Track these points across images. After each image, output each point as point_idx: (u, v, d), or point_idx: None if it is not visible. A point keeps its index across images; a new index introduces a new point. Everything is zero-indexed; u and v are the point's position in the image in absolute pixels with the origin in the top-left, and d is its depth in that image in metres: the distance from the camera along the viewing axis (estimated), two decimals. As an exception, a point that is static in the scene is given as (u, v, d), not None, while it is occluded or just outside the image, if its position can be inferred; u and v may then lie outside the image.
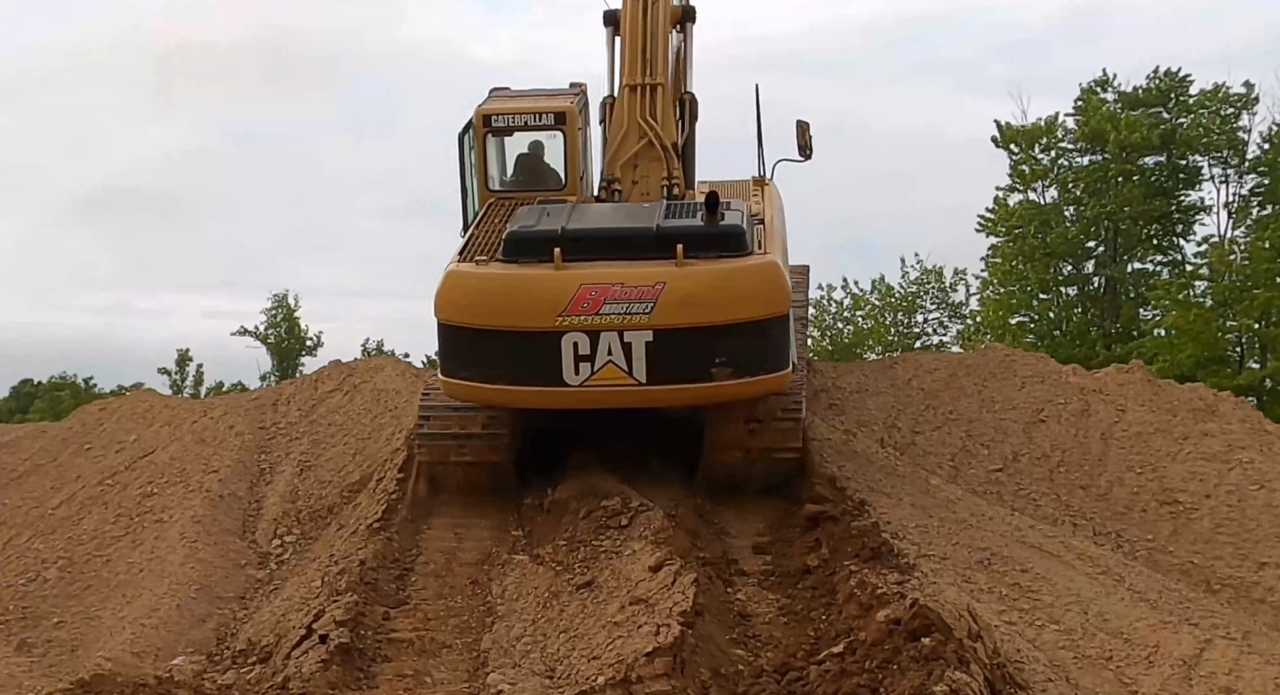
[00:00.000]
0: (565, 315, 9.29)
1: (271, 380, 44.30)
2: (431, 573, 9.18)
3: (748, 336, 9.43)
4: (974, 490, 10.92)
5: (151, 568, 9.89)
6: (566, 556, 8.88)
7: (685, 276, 9.36)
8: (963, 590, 7.70)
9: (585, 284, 9.30)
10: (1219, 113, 31.32)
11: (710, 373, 9.39)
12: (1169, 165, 31.66)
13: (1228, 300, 27.93)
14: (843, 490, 10.10)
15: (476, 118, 12.01)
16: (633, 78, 11.80)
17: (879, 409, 13.69)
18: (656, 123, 11.79)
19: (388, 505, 10.17)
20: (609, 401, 9.61)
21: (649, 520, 9.06)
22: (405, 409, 14.24)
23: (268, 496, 12.02)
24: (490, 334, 9.57)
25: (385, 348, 47.01)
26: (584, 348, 9.30)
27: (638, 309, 9.26)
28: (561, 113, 11.85)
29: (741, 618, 7.85)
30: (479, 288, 9.75)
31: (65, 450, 16.95)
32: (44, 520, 13.64)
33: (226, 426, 14.96)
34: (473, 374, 9.75)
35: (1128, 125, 30.52)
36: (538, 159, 12.36)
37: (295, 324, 45.16)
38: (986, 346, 15.66)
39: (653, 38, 11.85)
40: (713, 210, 9.75)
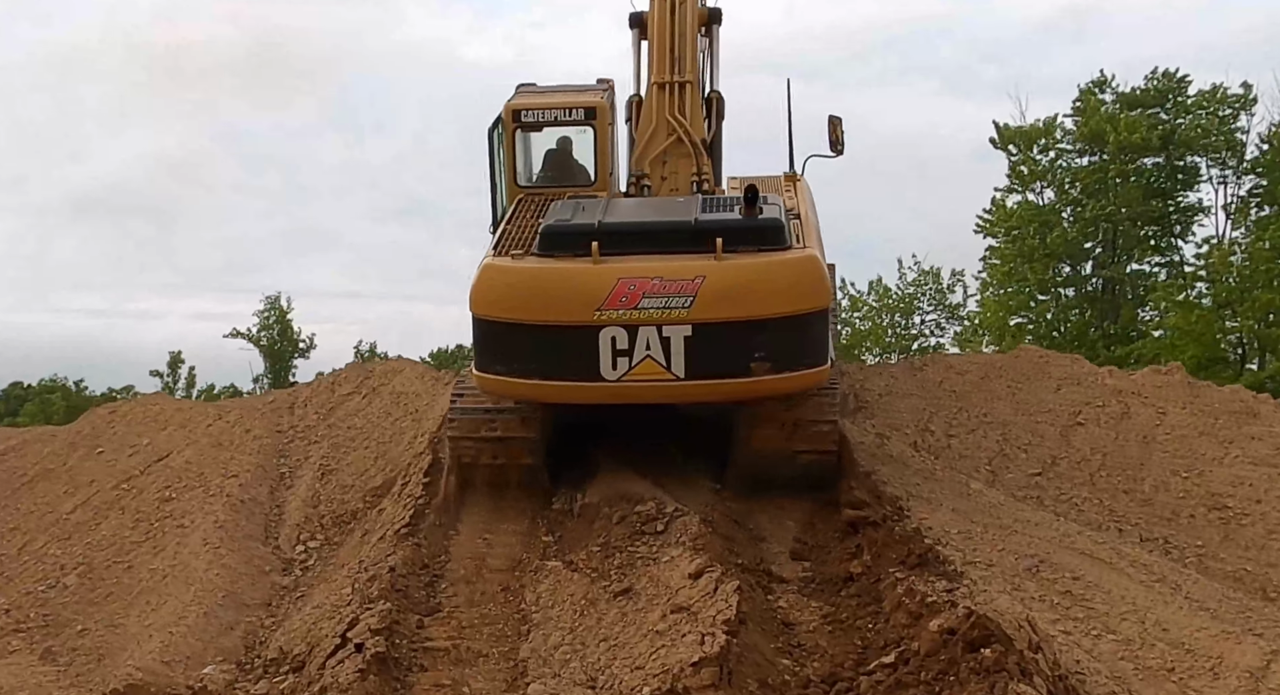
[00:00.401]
0: (603, 309, 9.25)
1: (264, 382, 44.51)
2: (461, 579, 9.07)
3: (787, 331, 9.40)
4: (1013, 495, 10.76)
5: (175, 574, 9.78)
6: (601, 563, 8.77)
7: (725, 270, 9.32)
8: (1013, 599, 7.55)
9: (623, 278, 9.27)
10: (1216, 114, 31.57)
11: (749, 368, 9.35)
12: (1167, 166, 31.88)
13: (1228, 301, 27.99)
14: (881, 495, 9.98)
15: (506, 113, 12.06)
16: (661, 76, 11.82)
17: (909, 412, 13.55)
18: (685, 119, 11.81)
19: (415, 510, 10.06)
20: (646, 397, 9.57)
21: (685, 526, 8.94)
22: (426, 412, 14.17)
23: (289, 501, 11.93)
24: (526, 328, 9.52)
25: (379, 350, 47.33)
26: (622, 342, 9.27)
27: (677, 303, 9.22)
28: (592, 107, 11.93)
29: (785, 626, 7.72)
30: (515, 282, 9.70)
31: (75, 454, 16.93)
32: (59, 525, 13.57)
33: (243, 430, 14.89)
34: (508, 369, 9.70)
35: (1127, 126, 30.73)
36: (566, 154, 12.43)
37: (288, 326, 45.33)
38: (1018, 348, 15.43)
39: (680, 37, 11.89)
40: (751, 204, 9.72)
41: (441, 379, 15.22)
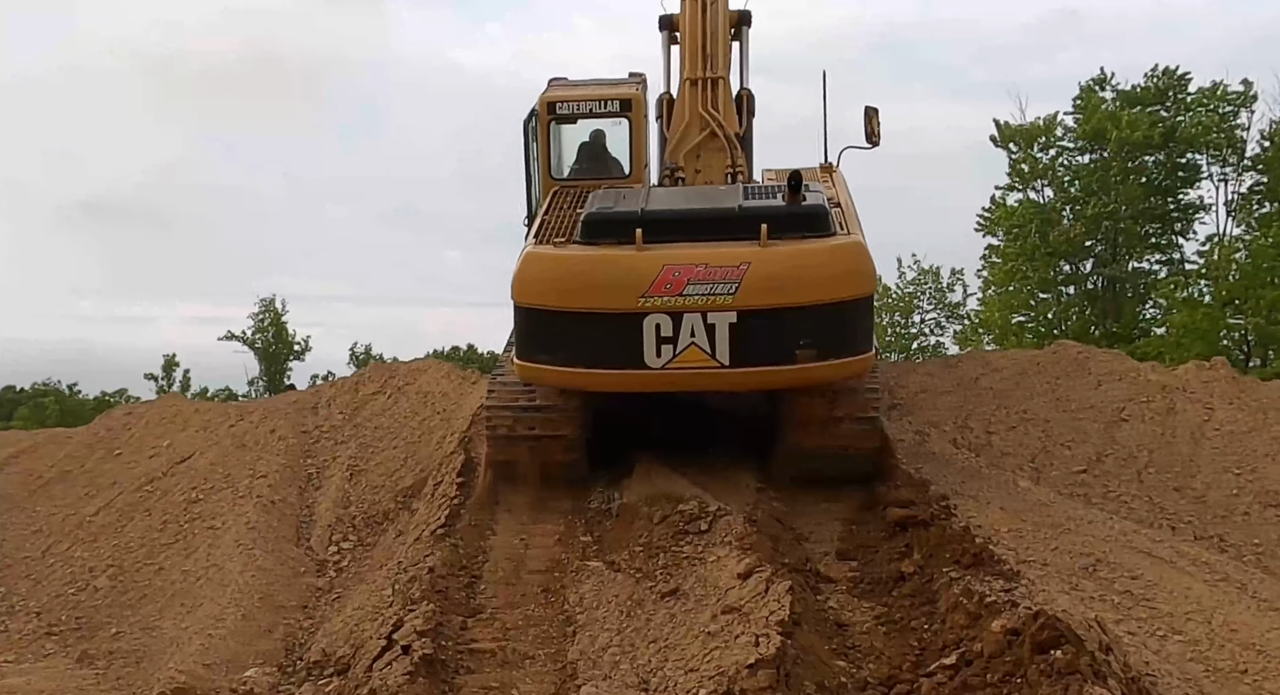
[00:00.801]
0: (648, 296, 9.25)
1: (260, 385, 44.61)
2: (500, 580, 8.99)
3: (833, 318, 9.40)
4: (1059, 492, 10.64)
5: (208, 576, 9.74)
6: (645, 563, 8.67)
7: (770, 257, 9.32)
8: (1073, 599, 7.44)
9: (668, 265, 9.25)
10: (1217, 111, 31.82)
11: (794, 355, 9.35)
12: (1168, 163, 32.09)
13: (1232, 299, 28.12)
14: (926, 493, 9.87)
15: (541, 105, 12.19)
16: (694, 72, 11.89)
17: (947, 409, 13.45)
18: (719, 114, 11.84)
19: (450, 511, 9.99)
20: (691, 385, 9.60)
21: (729, 525, 8.85)
22: (453, 411, 14.11)
23: (319, 502, 11.88)
24: (569, 316, 9.52)
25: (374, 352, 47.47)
26: (666, 330, 9.27)
27: (722, 290, 9.21)
28: (628, 99, 12.04)
29: (837, 627, 7.61)
30: (558, 269, 9.69)
31: (93, 456, 16.94)
32: (83, 527, 13.56)
33: (268, 430, 14.86)
34: (550, 357, 9.70)
35: (1129, 123, 30.96)
36: (600, 147, 12.55)
37: (283, 329, 45.45)
38: (1056, 343, 15.28)
39: (712, 36, 11.99)
40: (795, 190, 9.70)
41: (468, 378, 15.15)
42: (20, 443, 18.72)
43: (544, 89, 12.43)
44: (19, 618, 9.93)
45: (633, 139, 12.11)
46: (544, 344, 9.71)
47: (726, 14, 12.22)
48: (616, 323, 9.34)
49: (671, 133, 12.38)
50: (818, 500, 10.40)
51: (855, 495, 10.35)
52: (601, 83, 12.61)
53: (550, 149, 12.26)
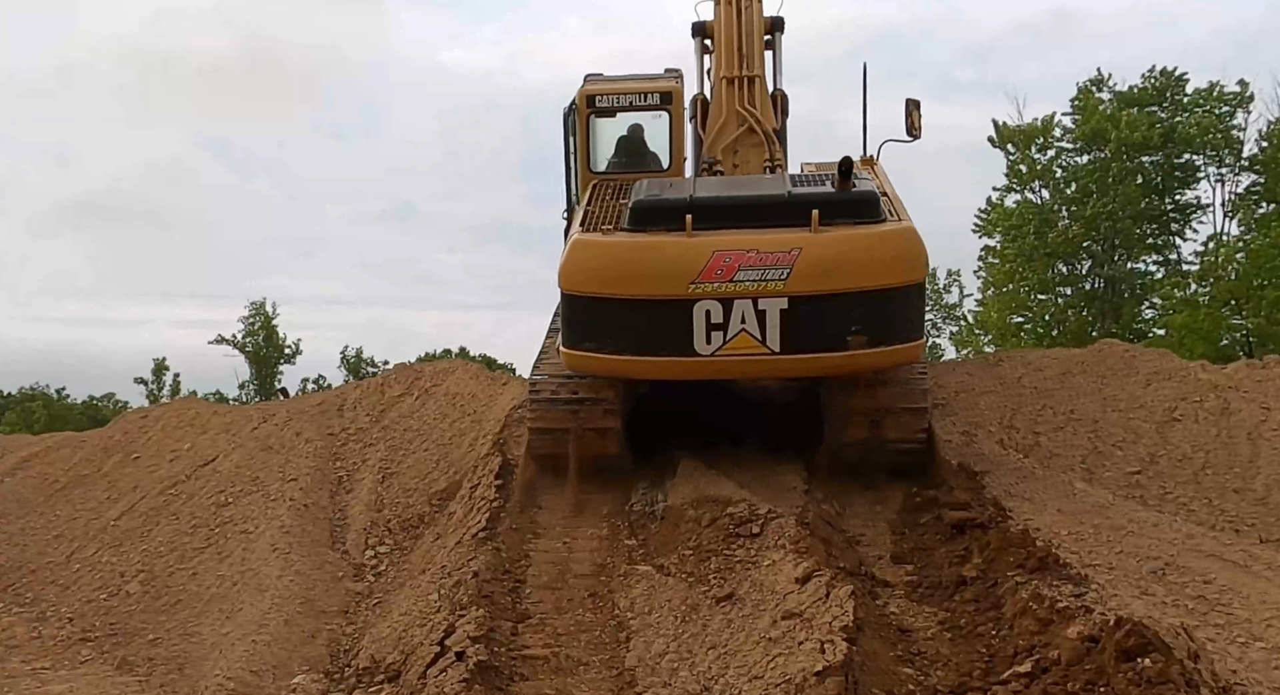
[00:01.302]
0: (698, 282, 9.23)
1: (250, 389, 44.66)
2: (545, 585, 8.89)
3: (885, 304, 9.39)
4: (1115, 495, 10.47)
5: (246, 581, 9.64)
6: (696, 567, 8.55)
7: (822, 242, 9.31)
8: (1145, 604, 7.29)
9: (719, 250, 9.23)
10: (1213, 111, 32.23)
11: (846, 341, 9.36)
12: (1165, 164, 32.48)
13: (1233, 298, 28.28)
14: (981, 495, 9.74)
15: (580, 98, 12.28)
16: (730, 71, 11.96)
17: (991, 409, 13.27)
18: (755, 110, 11.89)
19: (490, 514, 9.87)
20: (741, 372, 9.63)
21: (781, 528, 8.72)
22: (484, 413, 14.01)
23: (351, 505, 11.78)
24: (618, 303, 9.52)
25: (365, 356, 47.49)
26: (716, 316, 9.26)
27: (773, 275, 9.21)
28: (668, 92, 12.16)
29: (901, 633, 7.47)
30: (607, 256, 9.69)
31: (109, 460, 16.90)
32: (107, 532, 13.50)
33: (294, 433, 14.78)
34: (598, 345, 9.70)
35: (1129, 124, 31.30)
36: (639, 140, 12.63)
37: (273, 332, 45.55)
38: (1100, 342, 15.10)
39: (748, 36, 12.09)
40: (846, 177, 9.69)
41: (498, 380, 15.06)
42: (31, 446, 18.71)
43: (581, 85, 12.45)
44: (51, 624, 9.85)
45: (672, 132, 12.17)
46: (592, 332, 9.70)
47: (761, 16, 12.33)
48: (666, 309, 9.34)
49: (709, 129, 12.46)
50: (867, 502, 10.28)
51: (906, 497, 10.22)
52: (639, 77, 12.67)
53: (589, 142, 12.33)
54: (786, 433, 11.48)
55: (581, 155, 12.37)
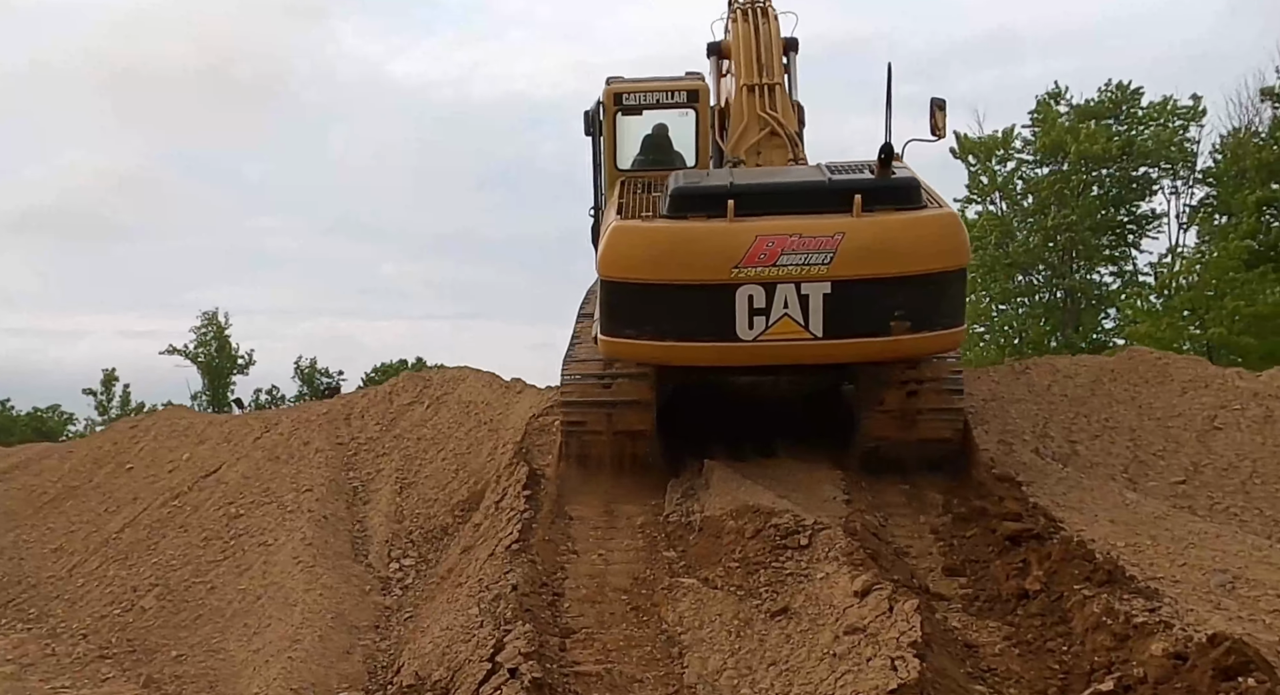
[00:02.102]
0: (741, 267, 9.29)
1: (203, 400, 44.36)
2: (585, 598, 8.67)
3: (927, 289, 9.49)
4: (1164, 504, 10.32)
5: (270, 595, 9.39)
6: (745, 580, 8.34)
7: (865, 227, 9.38)
8: (1220, 618, 7.11)
9: (761, 235, 9.29)
10: (1167, 125, 33.66)
11: (889, 326, 9.44)
12: (1121, 176, 33.72)
13: (1194, 308, 28.96)
14: (1030, 505, 9.57)
15: (606, 97, 12.48)
16: (750, 79, 12.00)
17: (1023, 418, 13.14)
18: (777, 113, 11.89)
19: (522, 525, 9.64)
20: (783, 357, 9.66)
21: (830, 539, 8.52)
22: (500, 422, 13.81)
23: (370, 516, 11.55)
24: (659, 289, 9.55)
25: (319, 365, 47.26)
26: (759, 301, 9.33)
27: (816, 260, 9.27)
28: (695, 90, 12.42)
29: (967, 648, 7.27)
30: (648, 241, 9.73)
31: (100, 471, 16.67)
32: (110, 545, 13.25)
33: (301, 442, 14.57)
34: (638, 332, 9.73)
35: (1088, 136, 32.36)
36: (664, 138, 12.82)
37: (226, 343, 45.30)
38: (1128, 349, 14.98)
39: (766, 47, 12.14)
40: (886, 163, 9.79)
41: (512, 388, 14.85)
42: (10, 457, 18.43)
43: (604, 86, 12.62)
44: (64, 641, 9.58)
45: (699, 129, 12.35)
46: (631, 318, 9.73)
47: (779, 31, 12.46)
48: (708, 294, 9.39)
49: (730, 133, 12.42)
50: (910, 513, 10.11)
51: (950, 507, 10.05)
52: (661, 78, 12.84)
53: (615, 140, 12.54)
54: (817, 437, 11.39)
55: (608, 153, 12.52)
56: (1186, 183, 34.64)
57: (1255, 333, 27.62)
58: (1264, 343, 27.46)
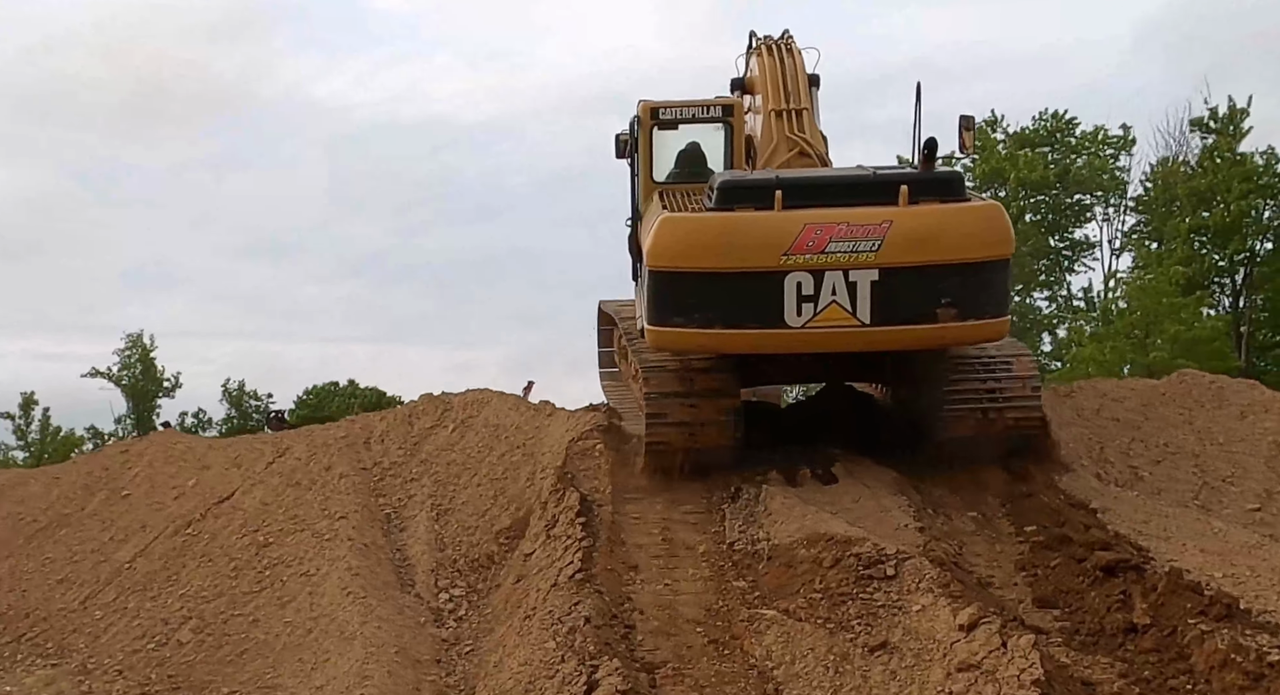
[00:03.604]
0: (790, 254, 9.56)
1: (128, 424, 43.69)
2: (658, 631, 8.32)
3: (973, 277, 9.74)
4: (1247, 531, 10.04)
5: (323, 628, 8.98)
6: (831, 612, 8.00)
7: (912, 216, 9.65)
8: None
9: (810, 223, 9.56)
10: (1099, 154, 35.40)
11: (935, 314, 9.67)
12: (1056, 203, 35.30)
13: (1135, 332, 29.68)
14: (1115, 534, 9.29)
15: (643, 111, 12.73)
16: (777, 104, 12.17)
17: (1077, 442, 12.82)
18: (805, 135, 12.00)
19: (583, 554, 9.27)
20: (831, 344, 9.95)
21: (918, 569, 8.19)
22: (534, 446, 13.41)
23: (409, 545, 11.14)
24: (709, 277, 9.79)
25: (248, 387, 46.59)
26: (807, 288, 9.57)
27: (864, 247, 9.54)
28: (730, 106, 12.71)
29: (1085, 686, 6.95)
30: (697, 230, 10.06)
31: (93, 498, 16.17)
32: (124, 575, 12.82)
33: (322, 468, 14.12)
34: (687, 320, 9.95)
35: (1026, 163, 33.67)
36: (699, 153, 13.03)
37: (151, 365, 44.72)
38: (1179, 372, 14.75)
39: (793, 76, 12.38)
40: (930, 158, 10.18)
41: (542, 410, 14.45)
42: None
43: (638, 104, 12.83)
44: (98, 677, 9.15)
45: (734, 143, 12.52)
46: (680, 307, 9.95)
47: (803, 64, 12.69)
48: (757, 281, 9.62)
49: (759, 154, 12.47)
50: (984, 541, 9.81)
51: (1027, 534, 9.75)
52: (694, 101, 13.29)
53: (651, 153, 12.76)
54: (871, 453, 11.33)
55: (644, 166, 12.75)
56: (1118, 210, 36.37)
57: (1193, 357, 28.20)
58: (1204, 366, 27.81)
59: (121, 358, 44.56)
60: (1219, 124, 33.24)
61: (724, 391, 10.55)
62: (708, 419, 10.41)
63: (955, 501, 10.78)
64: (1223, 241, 32.14)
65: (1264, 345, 33.31)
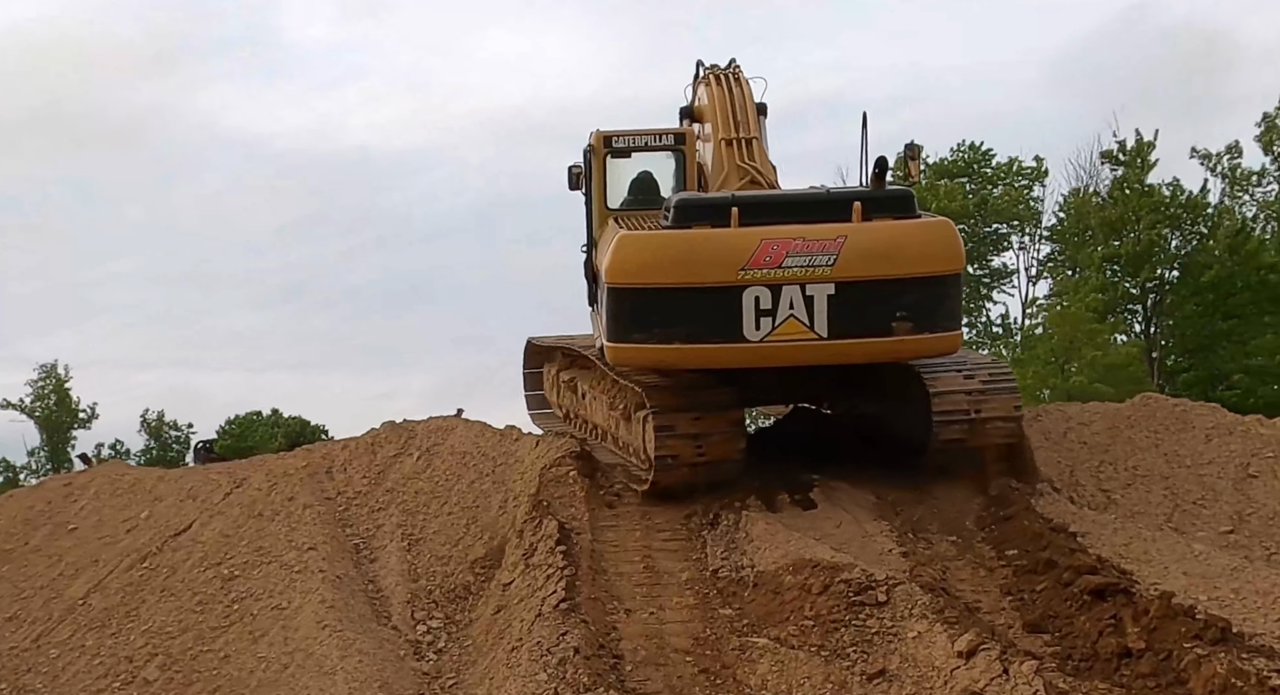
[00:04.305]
0: (747, 269, 9.74)
1: (41, 456, 42.77)
2: (648, 661, 8.19)
3: (927, 291, 10.01)
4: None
5: (300, 663, 8.71)
6: (825, 640, 7.92)
7: (866, 231, 9.92)
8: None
9: (767, 239, 9.75)
10: (1013, 184, 37.29)
11: (891, 327, 9.89)
12: (976, 232, 36.70)
13: (1057, 358, 30.90)
14: (1095, 556, 9.29)
15: (596, 140, 12.88)
16: (727, 133, 12.29)
17: (1047, 465, 12.84)
18: (756, 164, 12.08)
19: (566, 583, 9.08)
20: (789, 358, 10.08)
21: (910, 595, 8.14)
22: (504, 473, 13.20)
23: (381, 576, 10.86)
24: (668, 293, 9.96)
25: (168, 418, 45.80)
26: (765, 302, 9.76)
27: (821, 261, 9.76)
28: (682, 135, 12.92)
29: (1087, 712, 6.90)
30: (657, 246, 10.25)
31: (36, 532, 15.62)
32: (78, 612, 12.40)
33: (284, 498, 13.76)
34: (647, 336, 10.10)
35: (946, 194, 35.10)
36: (652, 181, 13.28)
37: (66, 396, 43.87)
38: (1142, 396, 14.89)
39: (741, 106, 12.53)
40: (881, 177, 10.43)
41: (509, 435, 14.25)
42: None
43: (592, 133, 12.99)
44: (62, 718, 8.74)
45: (686, 171, 12.73)
46: (640, 323, 10.09)
47: (751, 93, 12.83)
48: (716, 297, 9.78)
49: (711, 185, 12.57)
50: (968, 565, 9.79)
51: (1009, 558, 9.73)
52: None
53: (606, 181, 12.93)
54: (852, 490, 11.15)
55: (598, 193, 12.93)
56: (1034, 239, 38.06)
57: (1110, 381, 28.98)
58: (1119, 391, 28.69)
59: (34, 389, 43.54)
60: (1128, 156, 34.73)
61: (728, 404, 10.70)
62: (715, 430, 10.48)
63: (934, 525, 10.76)
64: (1134, 270, 33.46)
65: (1173, 370, 34.73)
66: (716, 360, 10.16)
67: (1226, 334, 33.53)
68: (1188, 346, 34.38)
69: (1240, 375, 32.05)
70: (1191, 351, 34.33)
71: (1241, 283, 33.36)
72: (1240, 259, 33.31)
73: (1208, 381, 32.01)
